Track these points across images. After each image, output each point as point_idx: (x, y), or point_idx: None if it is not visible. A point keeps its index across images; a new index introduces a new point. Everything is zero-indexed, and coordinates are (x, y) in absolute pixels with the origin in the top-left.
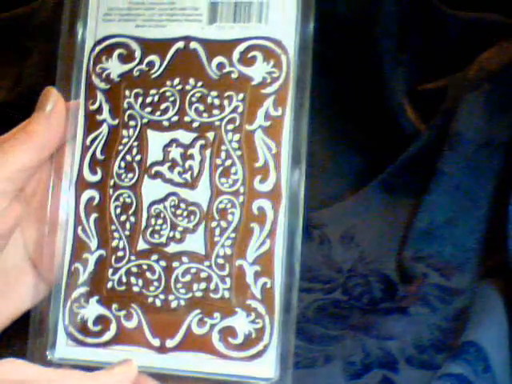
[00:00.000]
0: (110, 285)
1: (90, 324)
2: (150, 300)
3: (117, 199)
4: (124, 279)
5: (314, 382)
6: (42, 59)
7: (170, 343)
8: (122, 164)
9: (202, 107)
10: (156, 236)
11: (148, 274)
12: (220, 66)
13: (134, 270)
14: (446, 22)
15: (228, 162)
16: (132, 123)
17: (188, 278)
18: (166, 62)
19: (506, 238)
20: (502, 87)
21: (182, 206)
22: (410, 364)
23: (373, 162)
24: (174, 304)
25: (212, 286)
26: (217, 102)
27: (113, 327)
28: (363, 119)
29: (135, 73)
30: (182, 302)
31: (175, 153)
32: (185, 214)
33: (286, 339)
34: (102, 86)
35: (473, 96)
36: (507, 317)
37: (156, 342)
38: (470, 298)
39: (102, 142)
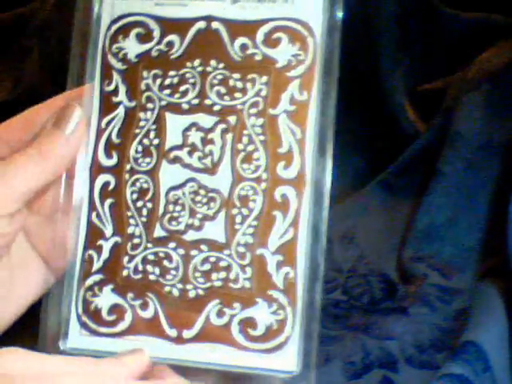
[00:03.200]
0: (125, 273)
1: (104, 313)
2: (167, 289)
3: (133, 184)
4: (140, 267)
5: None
6: (42, 59)
7: (187, 334)
8: (139, 148)
9: (223, 90)
10: (174, 223)
11: (165, 263)
12: (243, 47)
13: (151, 257)
14: (446, 22)
15: (250, 148)
16: (150, 105)
17: (207, 266)
18: (186, 43)
19: (506, 238)
20: (502, 87)
21: (202, 192)
22: (410, 364)
23: (373, 161)
24: (191, 294)
25: (232, 276)
26: (239, 84)
27: (128, 317)
28: (363, 119)
29: (154, 53)
30: (201, 292)
31: (195, 137)
32: (204, 200)
33: (310, 331)
34: (119, 66)
35: (473, 96)
36: (507, 317)
37: (173, 333)
38: (469, 298)
39: (119, 124)
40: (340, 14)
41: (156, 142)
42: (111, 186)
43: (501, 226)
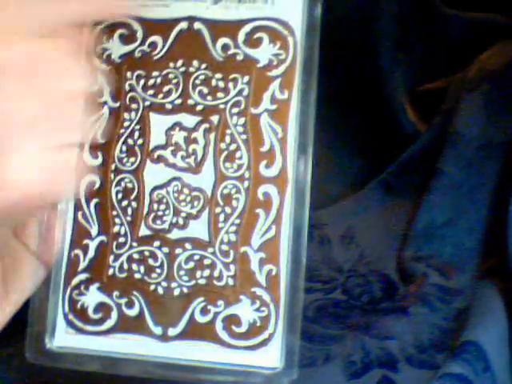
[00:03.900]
0: (111, 271)
1: (90, 312)
2: (152, 287)
3: (118, 184)
4: (125, 266)
5: (313, 381)
6: None
7: (172, 332)
8: (124, 148)
9: (206, 90)
10: (158, 222)
11: (150, 261)
12: (225, 47)
13: (136, 256)
14: (446, 22)
15: (233, 147)
16: (134, 106)
17: (191, 264)
18: (168, 43)
19: (506, 238)
20: (502, 87)
21: (186, 191)
22: (410, 364)
23: (373, 162)
24: (176, 291)
25: (216, 274)
26: (221, 84)
27: (114, 315)
28: (363, 119)
29: (137, 54)
30: (185, 290)
31: (178, 136)
32: (188, 199)
33: (293, 328)
34: (103, 67)
35: (473, 96)
36: (507, 317)
37: (158, 331)
38: (469, 298)
39: (103, 125)
40: (319, 13)
41: (140, 141)
42: (96, 186)
43: (501, 226)
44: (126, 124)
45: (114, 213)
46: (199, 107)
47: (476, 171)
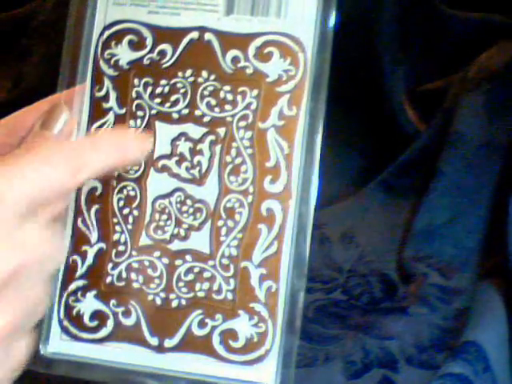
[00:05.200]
0: (109, 279)
1: (86, 319)
2: (150, 298)
3: (120, 191)
4: (124, 275)
5: (313, 381)
6: (41, 59)
7: (168, 343)
8: None
9: (213, 101)
10: (159, 232)
11: (149, 271)
12: (235, 60)
13: (135, 265)
14: (446, 22)
15: (238, 160)
16: (140, 113)
17: (191, 276)
18: (178, 52)
19: (506, 238)
20: (502, 87)
21: (189, 202)
22: (410, 364)
23: (373, 162)
24: (174, 303)
25: (215, 287)
26: (230, 97)
27: (110, 323)
28: (363, 119)
29: (145, 61)
30: (183, 302)
31: (184, 147)
32: (191, 210)
33: (289, 345)
34: (110, 72)
35: (473, 96)
36: (507, 317)
37: (154, 341)
38: (470, 297)
39: None
40: (331, 30)
41: None
42: (98, 192)
43: (501, 226)
44: None
45: (115, 220)
46: (206, 118)
47: (476, 171)
